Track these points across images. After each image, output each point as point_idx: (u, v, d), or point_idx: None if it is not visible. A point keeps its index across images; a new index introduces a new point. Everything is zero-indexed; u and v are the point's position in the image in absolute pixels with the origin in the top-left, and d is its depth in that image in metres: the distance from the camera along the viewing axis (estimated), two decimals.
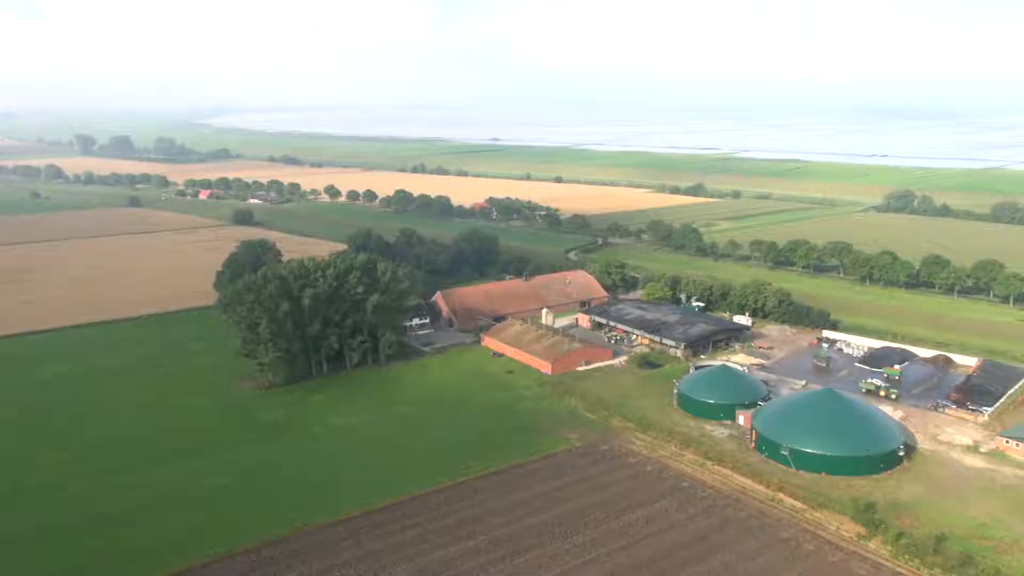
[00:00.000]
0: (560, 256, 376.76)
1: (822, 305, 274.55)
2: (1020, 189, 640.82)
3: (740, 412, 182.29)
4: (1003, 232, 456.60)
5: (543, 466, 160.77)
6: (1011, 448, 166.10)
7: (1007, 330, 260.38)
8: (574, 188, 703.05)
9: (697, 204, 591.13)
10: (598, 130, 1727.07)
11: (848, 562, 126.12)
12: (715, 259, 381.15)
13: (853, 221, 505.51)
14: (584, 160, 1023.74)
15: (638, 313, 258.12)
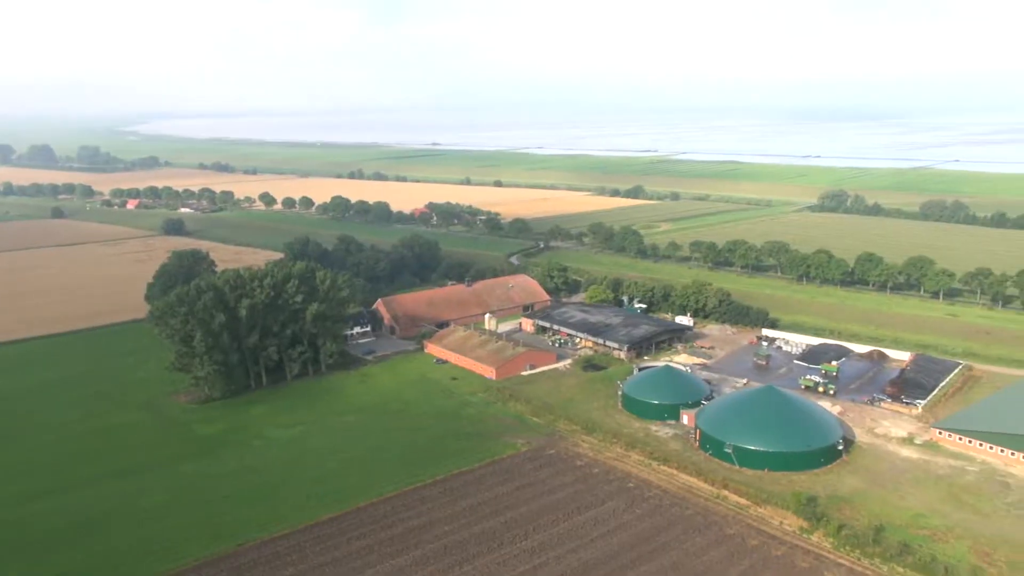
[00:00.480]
0: (502, 260, 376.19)
1: (761, 304, 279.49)
2: (946, 188, 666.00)
3: (684, 412, 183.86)
4: (931, 229, 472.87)
5: (490, 472, 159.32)
6: (944, 439, 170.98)
7: (937, 325, 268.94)
8: (514, 192, 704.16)
9: (637, 206, 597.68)
10: (537, 133, 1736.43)
11: (792, 555, 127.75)
12: (656, 260, 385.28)
13: (789, 221, 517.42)
14: (524, 164, 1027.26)
15: (581, 316, 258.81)
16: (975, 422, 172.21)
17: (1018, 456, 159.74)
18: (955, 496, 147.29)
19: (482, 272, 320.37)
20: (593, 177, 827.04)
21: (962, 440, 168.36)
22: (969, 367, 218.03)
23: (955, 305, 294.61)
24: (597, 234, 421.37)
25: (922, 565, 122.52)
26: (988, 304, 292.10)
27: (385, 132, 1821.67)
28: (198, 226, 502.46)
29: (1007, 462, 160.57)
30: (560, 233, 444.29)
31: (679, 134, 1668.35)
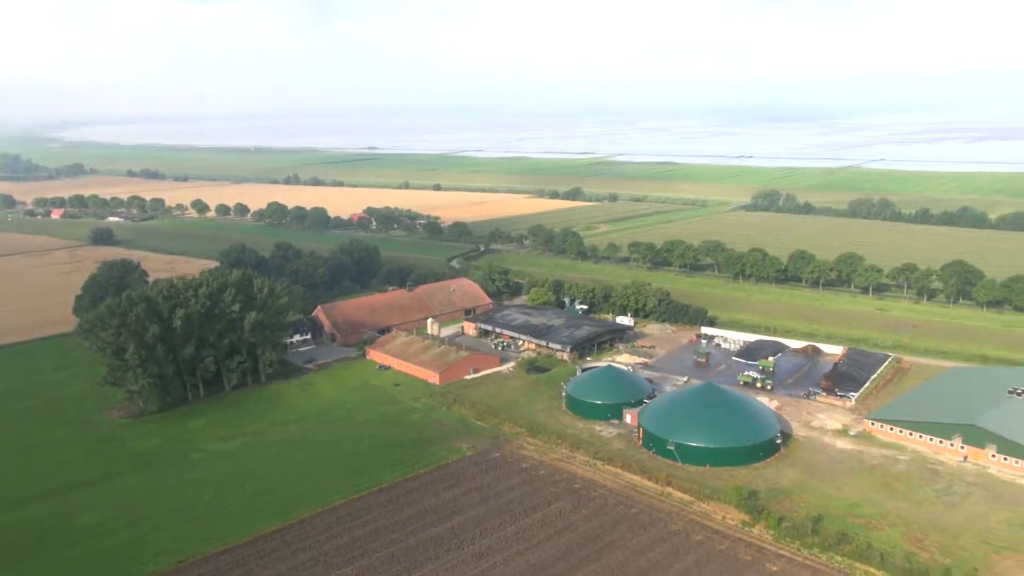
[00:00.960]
0: (443, 264, 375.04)
1: (700, 302, 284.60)
2: (873, 186, 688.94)
3: (627, 411, 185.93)
4: (860, 227, 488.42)
5: (436, 477, 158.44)
6: (876, 429, 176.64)
7: (867, 319, 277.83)
8: (454, 196, 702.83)
9: (576, 208, 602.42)
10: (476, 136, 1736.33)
11: (735, 549, 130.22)
12: (596, 262, 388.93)
13: (724, 220, 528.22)
14: (463, 167, 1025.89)
15: (523, 318, 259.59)
16: (905, 412, 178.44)
17: (945, 444, 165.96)
18: (888, 485, 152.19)
19: (423, 276, 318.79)
20: (532, 179, 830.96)
21: (893, 430, 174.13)
22: (898, 359, 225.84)
23: (884, 300, 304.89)
24: (537, 236, 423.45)
25: (859, 553, 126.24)
26: (914, 298, 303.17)
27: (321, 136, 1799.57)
28: (128, 235, 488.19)
29: (935, 450, 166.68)
30: (501, 236, 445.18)
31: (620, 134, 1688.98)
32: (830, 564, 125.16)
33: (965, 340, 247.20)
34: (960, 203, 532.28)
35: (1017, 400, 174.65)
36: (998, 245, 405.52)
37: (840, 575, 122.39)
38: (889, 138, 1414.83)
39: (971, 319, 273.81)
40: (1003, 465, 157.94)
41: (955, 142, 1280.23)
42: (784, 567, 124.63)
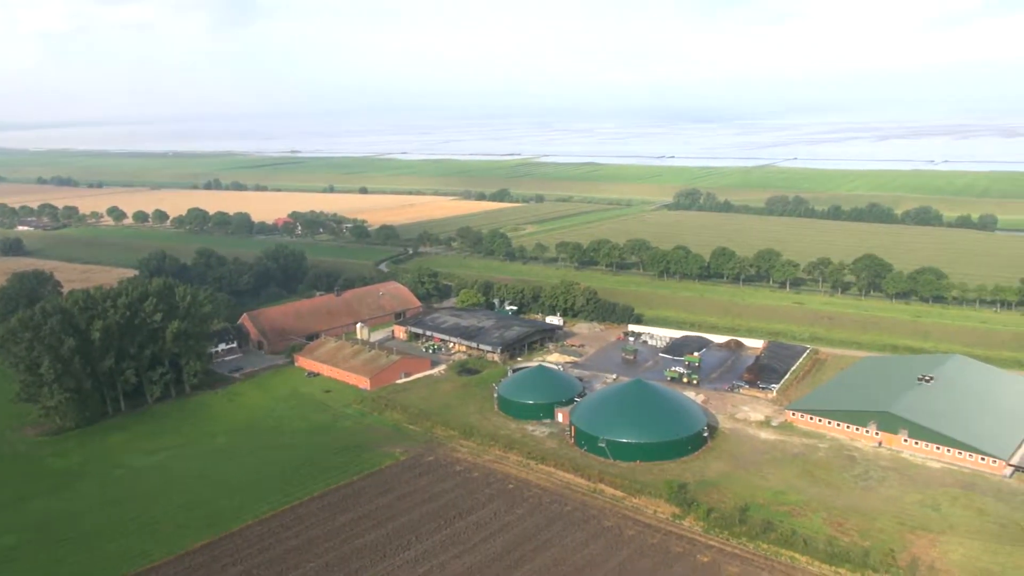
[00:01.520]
0: (371, 268, 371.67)
1: (626, 300, 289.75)
2: (788, 184, 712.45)
3: (558, 410, 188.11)
4: (777, 223, 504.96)
5: (369, 484, 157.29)
6: (797, 419, 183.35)
7: (786, 312, 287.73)
8: (380, 199, 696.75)
9: (503, 209, 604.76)
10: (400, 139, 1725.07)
11: (666, 542, 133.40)
12: (524, 262, 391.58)
13: (648, 219, 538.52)
14: (389, 170, 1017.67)
15: (454, 321, 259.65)
16: (823, 402, 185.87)
17: (861, 431, 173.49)
18: (809, 472, 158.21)
19: (351, 281, 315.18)
20: (459, 181, 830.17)
21: (812, 420, 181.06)
22: (815, 351, 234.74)
23: (801, 293, 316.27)
24: (466, 238, 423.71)
25: (784, 540, 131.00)
26: (829, 291, 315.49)
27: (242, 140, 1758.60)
28: (39, 245, 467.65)
29: (852, 437, 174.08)
30: (429, 238, 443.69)
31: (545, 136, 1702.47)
32: (757, 552, 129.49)
33: (876, 331, 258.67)
34: (868, 199, 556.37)
35: (926, 387, 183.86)
36: (904, 239, 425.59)
37: (766, 563, 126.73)
38: (802, 138, 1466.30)
39: (881, 310, 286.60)
40: (914, 449, 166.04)
41: (863, 141, 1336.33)
42: (714, 557, 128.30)
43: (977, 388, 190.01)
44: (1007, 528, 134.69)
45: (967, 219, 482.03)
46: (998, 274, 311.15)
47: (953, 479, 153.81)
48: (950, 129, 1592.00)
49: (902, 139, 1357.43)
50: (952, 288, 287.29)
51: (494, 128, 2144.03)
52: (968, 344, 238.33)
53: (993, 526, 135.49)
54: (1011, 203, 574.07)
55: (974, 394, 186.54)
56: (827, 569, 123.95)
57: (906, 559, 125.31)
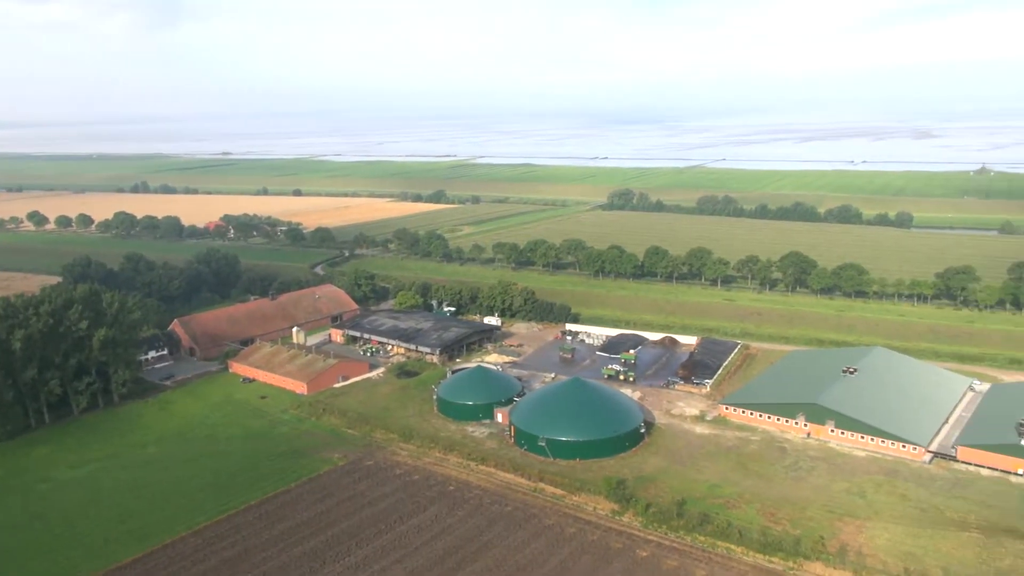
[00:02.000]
0: (307, 271, 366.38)
1: (563, 300, 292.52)
2: (717, 184, 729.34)
3: (498, 410, 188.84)
4: (707, 222, 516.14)
5: (307, 490, 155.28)
6: (730, 413, 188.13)
7: (717, 309, 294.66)
8: (315, 201, 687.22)
9: (440, 211, 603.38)
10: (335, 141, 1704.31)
11: (606, 538, 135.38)
12: (462, 263, 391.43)
13: (583, 219, 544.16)
14: (323, 172, 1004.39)
15: (392, 323, 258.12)
16: (754, 396, 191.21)
17: (791, 423, 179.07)
18: (743, 465, 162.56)
19: (287, 284, 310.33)
20: (395, 183, 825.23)
21: (745, 413, 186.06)
22: (746, 346, 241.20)
23: (731, 290, 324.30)
24: (402, 240, 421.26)
25: (720, 531, 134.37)
26: (758, 288, 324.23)
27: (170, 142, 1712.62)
28: None
29: (782, 429, 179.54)
30: (365, 240, 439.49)
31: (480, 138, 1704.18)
32: (694, 545, 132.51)
33: (803, 325, 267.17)
34: (793, 199, 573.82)
35: (850, 378, 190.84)
36: (827, 237, 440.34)
37: (703, 555, 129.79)
38: (730, 139, 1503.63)
39: (807, 305, 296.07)
40: (841, 439, 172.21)
41: (787, 143, 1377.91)
42: (653, 552, 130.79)
43: (897, 378, 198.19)
44: (927, 512, 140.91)
45: (885, 217, 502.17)
46: (915, 269, 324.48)
47: (877, 467, 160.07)
48: (867, 131, 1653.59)
49: (823, 140, 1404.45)
50: (872, 283, 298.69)
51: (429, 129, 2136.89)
52: (888, 336, 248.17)
53: (914, 511, 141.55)
54: (925, 201, 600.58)
55: (894, 384, 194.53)
56: (761, 559, 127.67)
57: (835, 545, 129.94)
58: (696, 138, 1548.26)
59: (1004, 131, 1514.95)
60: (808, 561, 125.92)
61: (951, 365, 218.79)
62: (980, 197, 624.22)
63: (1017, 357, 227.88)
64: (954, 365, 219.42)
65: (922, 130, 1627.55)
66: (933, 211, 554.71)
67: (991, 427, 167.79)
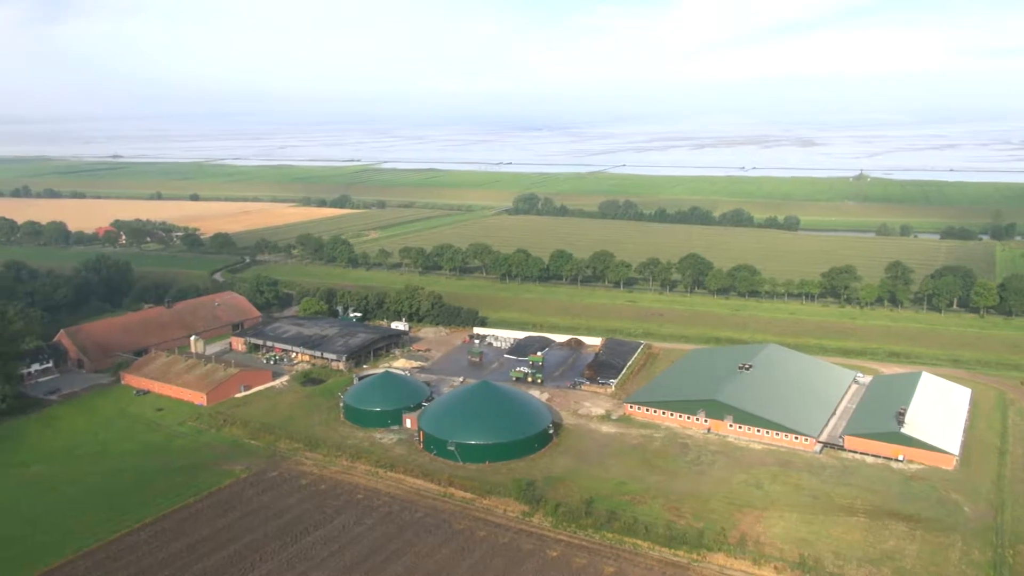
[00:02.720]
0: (205, 278, 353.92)
1: (471, 304, 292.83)
2: (618, 189, 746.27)
3: (406, 415, 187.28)
4: (609, 226, 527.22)
5: (208, 505, 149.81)
6: (635, 412, 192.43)
7: (621, 310, 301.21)
8: (214, 206, 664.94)
9: (344, 216, 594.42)
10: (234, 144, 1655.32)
11: (517, 540, 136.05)
12: (368, 268, 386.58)
13: (489, 224, 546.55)
14: (222, 176, 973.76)
15: (296, 330, 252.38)
16: (657, 394, 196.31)
17: (692, 419, 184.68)
18: (648, 462, 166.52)
19: (184, 292, 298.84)
20: (297, 188, 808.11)
21: (649, 411, 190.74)
22: (649, 346, 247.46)
23: (633, 292, 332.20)
24: (306, 245, 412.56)
25: (627, 528, 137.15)
26: (659, 289, 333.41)
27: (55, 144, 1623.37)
28: None
29: (684, 425, 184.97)
30: (267, 246, 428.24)
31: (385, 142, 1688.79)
32: (603, 542, 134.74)
33: (702, 324, 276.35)
34: (690, 203, 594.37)
35: (746, 374, 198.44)
36: (722, 239, 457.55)
37: (612, 551, 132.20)
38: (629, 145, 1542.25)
39: (705, 305, 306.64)
40: (739, 433, 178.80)
41: (682, 149, 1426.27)
42: (563, 551, 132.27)
43: (789, 374, 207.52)
44: (819, 500, 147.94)
45: (774, 220, 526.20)
46: (803, 269, 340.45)
47: (773, 458, 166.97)
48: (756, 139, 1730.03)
49: (716, 147, 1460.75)
50: (765, 283, 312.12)
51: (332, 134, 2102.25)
52: (780, 333, 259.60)
53: (808, 499, 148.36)
54: (810, 205, 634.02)
55: (787, 379, 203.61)
56: (667, 552, 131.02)
57: (736, 536, 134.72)
58: (596, 145, 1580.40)
59: (878, 140, 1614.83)
60: (711, 552, 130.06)
61: (837, 359, 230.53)
62: (859, 201, 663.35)
63: (895, 350, 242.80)
64: (840, 359, 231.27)
65: (805, 139, 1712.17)
66: (818, 214, 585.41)
67: (874, 417, 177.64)
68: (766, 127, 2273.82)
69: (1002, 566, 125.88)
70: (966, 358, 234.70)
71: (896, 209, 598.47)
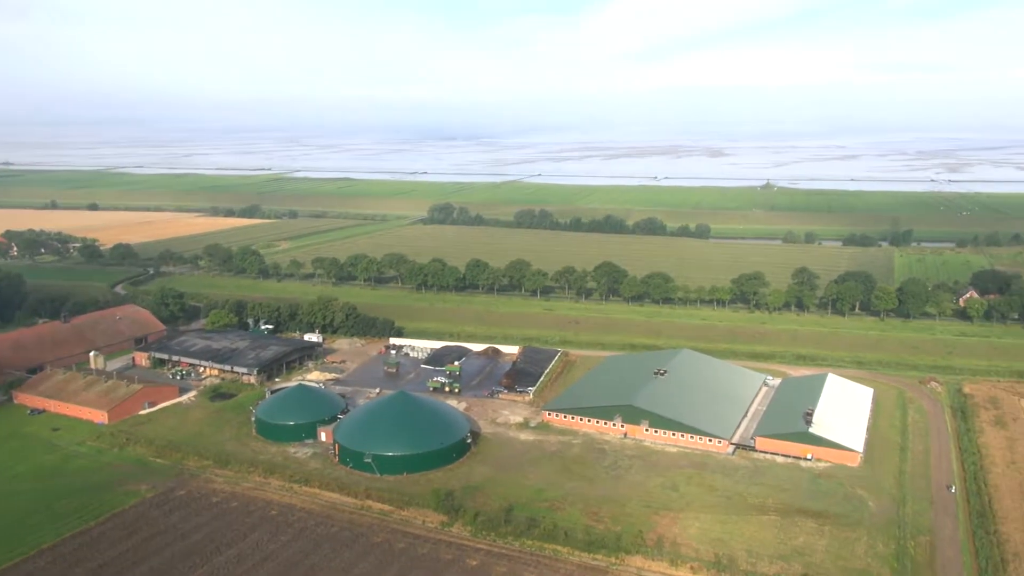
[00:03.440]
0: (106, 291, 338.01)
1: (386, 314, 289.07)
2: (533, 198, 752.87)
3: (321, 428, 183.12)
4: (525, 235, 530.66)
5: (111, 528, 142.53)
6: (553, 419, 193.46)
7: (538, 319, 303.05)
8: (114, 216, 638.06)
9: (254, 225, 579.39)
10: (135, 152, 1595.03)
11: (436, 551, 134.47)
12: (279, 279, 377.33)
13: (404, 234, 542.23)
14: (122, 185, 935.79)
15: (204, 343, 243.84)
16: (574, 401, 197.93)
17: (609, 425, 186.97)
18: (566, 468, 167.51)
19: (82, 306, 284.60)
20: (205, 197, 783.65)
21: (566, 418, 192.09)
22: (566, 353, 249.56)
23: (550, 300, 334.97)
24: (214, 256, 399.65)
25: (546, 534, 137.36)
26: (575, 297, 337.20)
27: None
28: None
29: (601, 431, 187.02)
30: (172, 257, 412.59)
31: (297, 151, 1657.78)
32: (523, 549, 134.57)
33: (617, 331, 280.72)
34: (604, 212, 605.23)
35: (661, 380, 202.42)
36: (636, 247, 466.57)
37: (532, 558, 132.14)
38: (544, 155, 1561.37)
39: (620, 312, 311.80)
40: (655, 437, 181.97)
41: (597, 159, 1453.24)
42: (483, 560, 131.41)
43: (702, 378, 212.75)
44: (732, 500, 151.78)
45: (686, 228, 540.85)
46: (714, 276, 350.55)
47: (688, 461, 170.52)
48: (669, 149, 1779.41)
49: (629, 158, 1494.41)
50: (677, 290, 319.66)
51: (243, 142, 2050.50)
52: (693, 339, 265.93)
53: (722, 499, 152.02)
54: (720, 213, 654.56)
55: (700, 383, 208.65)
56: (586, 557, 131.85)
57: (653, 538, 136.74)
58: (512, 154, 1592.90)
59: (784, 151, 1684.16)
60: (629, 555, 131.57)
61: (748, 363, 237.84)
62: (766, 210, 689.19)
63: (802, 353, 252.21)
64: (750, 363, 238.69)
65: (715, 149, 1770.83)
66: (727, 223, 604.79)
67: (783, 418, 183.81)
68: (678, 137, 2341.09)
69: (904, 557, 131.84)
70: (868, 359, 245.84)
71: (801, 217, 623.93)
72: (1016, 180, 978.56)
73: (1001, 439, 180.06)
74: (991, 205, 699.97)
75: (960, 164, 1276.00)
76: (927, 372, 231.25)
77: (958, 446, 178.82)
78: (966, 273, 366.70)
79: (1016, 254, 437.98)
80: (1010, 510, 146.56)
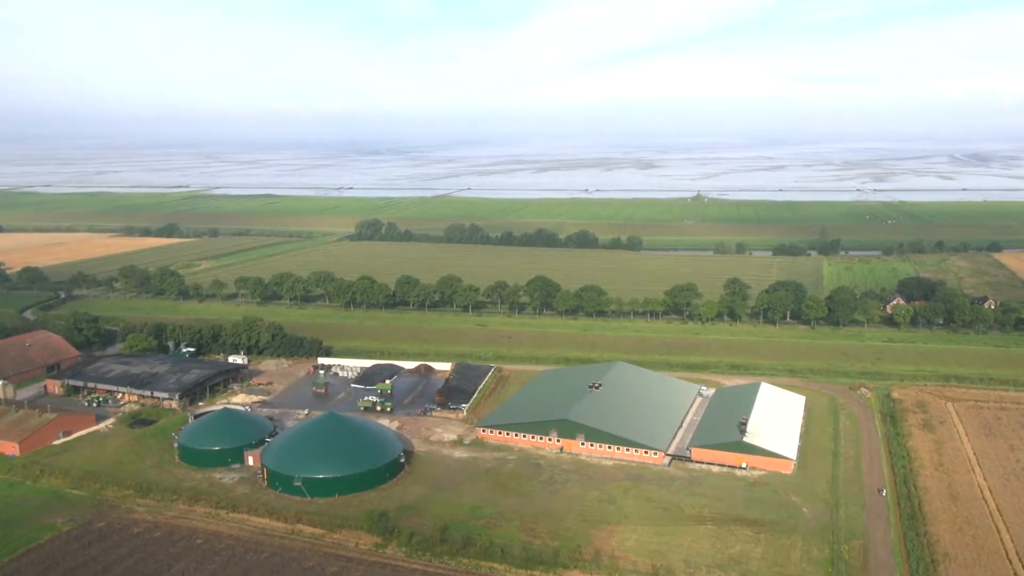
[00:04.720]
0: (13, 317, 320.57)
1: (314, 334, 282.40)
2: (463, 212, 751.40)
3: (248, 453, 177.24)
4: (456, 250, 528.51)
5: (25, 564, 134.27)
6: (487, 436, 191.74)
7: (470, 335, 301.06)
8: (20, 238, 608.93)
9: (173, 245, 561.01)
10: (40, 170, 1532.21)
11: (370, 573, 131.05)
12: (201, 300, 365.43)
13: (330, 251, 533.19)
14: (29, 205, 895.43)
15: (122, 368, 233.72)
16: (509, 416, 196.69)
17: (544, 440, 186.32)
18: (502, 484, 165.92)
19: None
20: (119, 217, 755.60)
21: (501, 434, 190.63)
22: (499, 369, 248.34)
23: (483, 316, 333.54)
24: (130, 278, 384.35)
25: (483, 552, 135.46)
26: (508, 312, 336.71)
27: None
28: None
29: (537, 446, 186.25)
30: (85, 280, 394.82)
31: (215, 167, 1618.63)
32: (459, 568, 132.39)
33: (551, 345, 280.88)
34: (536, 226, 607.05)
35: (596, 393, 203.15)
36: (569, 261, 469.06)
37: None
38: (472, 169, 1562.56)
39: (554, 326, 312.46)
40: (591, 451, 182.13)
41: (526, 172, 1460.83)
42: None
43: (637, 390, 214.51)
44: (669, 511, 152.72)
45: (619, 241, 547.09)
46: (647, 288, 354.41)
47: (624, 473, 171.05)
48: (599, 162, 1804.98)
49: (559, 170, 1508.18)
50: (611, 303, 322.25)
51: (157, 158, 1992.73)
52: (627, 351, 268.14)
53: (658, 511, 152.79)
54: (652, 226, 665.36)
55: (635, 395, 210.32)
56: (524, 574, 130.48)
57: (591, 552, 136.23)
58: (440, 168, 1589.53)
59: (713, 162, 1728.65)
60: (567, 570, 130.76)
61: (682, 374, 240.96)
62: (697, 221, 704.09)
63: (736, 363, 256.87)
64: (684, 374, 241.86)
65: (645, 161, 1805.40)
66: (659, 234, 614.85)
67: (718, 428, 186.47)
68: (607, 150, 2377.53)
69: (839, 561, 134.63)
70: (800, 367, 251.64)
71: (732, 228, 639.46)
72: (939, 188, 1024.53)
73: (929, 442, 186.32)
74: (915, 213, 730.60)
75: (885, 173, 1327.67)
76: (857, 378, 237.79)
77: (888, 450, 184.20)
78: (893, 280, 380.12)
79: (940, 261, 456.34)
80: (939, 512, 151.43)
